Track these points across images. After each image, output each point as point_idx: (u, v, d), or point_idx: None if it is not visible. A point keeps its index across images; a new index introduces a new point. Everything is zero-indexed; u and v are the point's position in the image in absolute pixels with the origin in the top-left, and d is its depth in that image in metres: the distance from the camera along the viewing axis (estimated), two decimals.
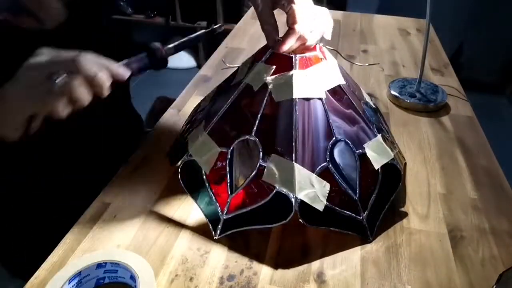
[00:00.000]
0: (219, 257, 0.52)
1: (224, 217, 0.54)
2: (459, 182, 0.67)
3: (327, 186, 0.52)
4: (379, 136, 0.58)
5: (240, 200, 0.55)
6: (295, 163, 0.51)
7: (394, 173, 0.58)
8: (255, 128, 0.54)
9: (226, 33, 1.23)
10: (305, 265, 0.52)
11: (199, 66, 2.77)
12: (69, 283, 0.45)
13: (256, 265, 0.52)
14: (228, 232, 0.54)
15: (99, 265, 0.48)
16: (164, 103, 0.94)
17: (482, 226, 0.59)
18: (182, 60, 2.76)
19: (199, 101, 0.74)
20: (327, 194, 0.52)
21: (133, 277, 0.47)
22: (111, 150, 0.73)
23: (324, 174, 0.53)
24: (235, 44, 1.13)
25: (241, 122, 0.56)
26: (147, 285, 0.45)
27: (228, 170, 0.54)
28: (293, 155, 0.52)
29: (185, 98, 0.87)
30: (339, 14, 1.39)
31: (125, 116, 0.63)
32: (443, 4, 2.17)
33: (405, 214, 0.60)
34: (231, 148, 0.54)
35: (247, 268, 0.51)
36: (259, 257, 0.53)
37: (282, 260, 0.52)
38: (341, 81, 0.58)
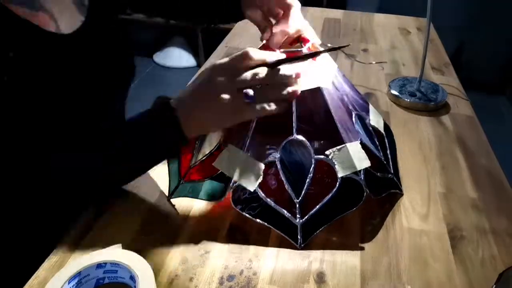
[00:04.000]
0: (219, 257, 0.52)
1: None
2: (459, 181, 0.67)
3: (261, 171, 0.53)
4: (348, 144, 0.54)
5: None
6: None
7: (360, 190, 0.54)
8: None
9: (226, 33, 1.23)
10: (305, 265, 0.52)
11: (199, 65, 2.77)
12: (69, 283, 0.45)
13: (256, 265, 0.52)
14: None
15: (99, 265, 0.48)
16: None
17: (482, 226, 0.58)
18: (182, 59, 2.76)
19: None
20: (259, 179, 0.53)
21: (133, 277, 0.47)
22: None
23: (270, 167, 0.54)
24: (235, 44, 1.13)
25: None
26: (147, 285, 0.45)
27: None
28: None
29: None
30: (339, 13, 1.39)
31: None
32: (444, 3, 2.16)
33: (405, 214, 0.60)
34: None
35: (247, 268, 0.51)
36: (259, 257, 0.53)
37: (282, 260, 0.52)
38: (324, 84, 0.56)
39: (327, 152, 0.54)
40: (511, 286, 0.44)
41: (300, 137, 0.54)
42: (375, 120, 0.64)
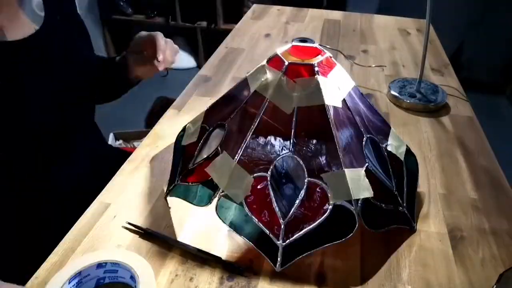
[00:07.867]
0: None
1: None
2: (459, 182, 0.67)
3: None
4: (347, 170, 0.51)
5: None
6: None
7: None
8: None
9: (226, 33, 1.23)
10: (305, 265, 0.52)
11: (199, 66, 2.77)
12: (69, 283, 0.46)
13: (256, 265, 0.52)
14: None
15: (99, 265, 0.48)
16: (164, 103, 0.94)
17: (482, 226, 0.59)
18: (182, 60, 2.76)
19: (199, 101, 0.74)
20: (247, 192, 0.50)
21: (133, 277, 0.47)
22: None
23: (261, 182, 0.51)
24: (235, 44, 1.13)
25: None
26: (147, 285, 0.45)
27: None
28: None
29: (185, 98, 0.87)
30: (339, 14, 1.39)
31: None
32: (443, 4, 2.17)
33: None
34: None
35: (248, 268, 0.51)
36: (259, 257, 0.52)
37: None
38: (332, 102, 0.54)
39: (322, 175, 0.50)
40: (511, 286, 0.44)
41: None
42: (395, 145, 0.61)
